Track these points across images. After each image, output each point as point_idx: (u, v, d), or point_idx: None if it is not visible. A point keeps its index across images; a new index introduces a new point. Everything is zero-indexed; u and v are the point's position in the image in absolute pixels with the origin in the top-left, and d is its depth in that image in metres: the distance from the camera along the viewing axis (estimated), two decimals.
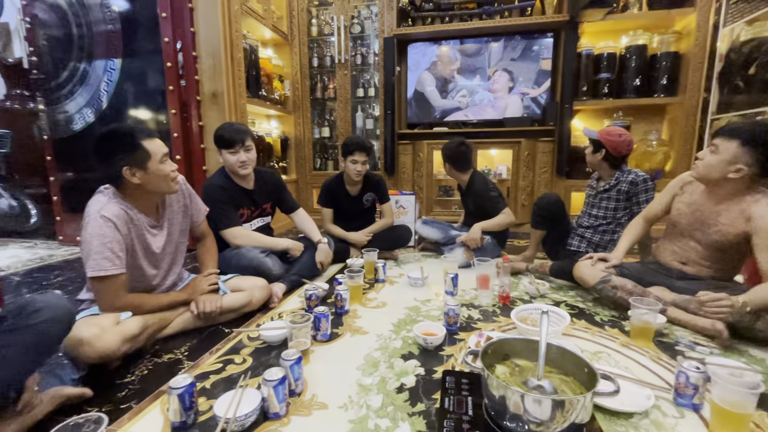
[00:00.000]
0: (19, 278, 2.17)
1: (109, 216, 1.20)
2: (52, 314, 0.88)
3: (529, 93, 3.25)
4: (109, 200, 1.24)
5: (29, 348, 0.84)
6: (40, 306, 0.87)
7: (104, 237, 1.18)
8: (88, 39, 2.68)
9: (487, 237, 2.27)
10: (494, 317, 1.55)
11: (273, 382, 0.90)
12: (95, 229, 1.18)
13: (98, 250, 1.17)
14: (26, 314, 0.85)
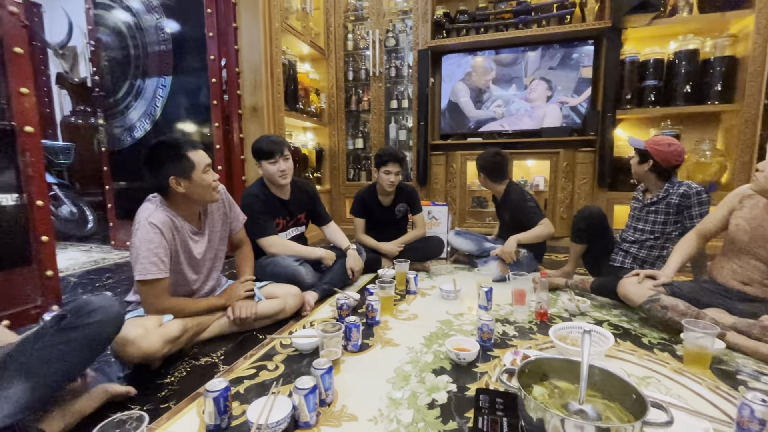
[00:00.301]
0: (76, 279, 2.33)
1: (156, 223, 1.27)
2: (105, 315, 0.94)
3: (569, 102, 3.15)
4: (156, 208, 1.32)
5: (84, 345, 0.90)
6: (95, 307, 0.93)
7: (151, 242, 1.25)
8: (143, 59, 2.89)
9: (523, 250, 2.20)
10: (531, 334, 1.48)
11: (304, 390, 0.90)
12: (143, 234, 1.25)
13: (145, 255, 1.23)
14: (83, 314, 0.92)
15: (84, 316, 0.91)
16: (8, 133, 1.50)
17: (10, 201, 1.53)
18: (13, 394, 0.80)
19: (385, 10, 3.58)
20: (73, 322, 0.90)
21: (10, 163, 1.52)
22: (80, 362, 0.92)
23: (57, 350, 0.87)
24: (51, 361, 0.86)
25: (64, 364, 0.88)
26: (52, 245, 1.64)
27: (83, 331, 0.90)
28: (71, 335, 0.89)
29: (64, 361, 0.87)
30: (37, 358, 0.85)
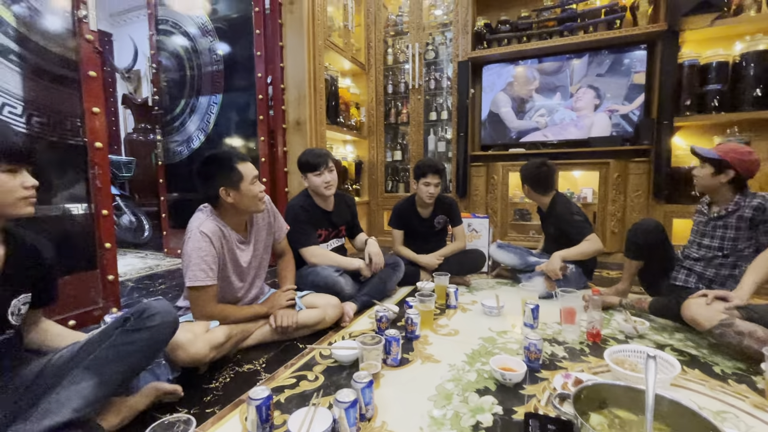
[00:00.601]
0: (132, 284, 2.49)
1: (206, 232, 1.33)
2: (164, 320, 1.00)
3: (619, 110, 2.99)
4: (207, 218, 1.38)
5: (145, 346, 0.96)
6: (155, 311, 0.99)
7: (201, 251, 1.30)
8: (198, 79, 3.10)
9: (570, 266, 2.08)
10: (582, 356, 1.38)
11: (345, 404, 0.89)
12: (195, 243, 1.31)
13: (196, 263, 1.29)
14: (145, 317, 0.98)
15: (146, 319, 0.97)
16: (81, 148, 1.65)
17: (79, 210, 1.67)
18: (82, 389, 0.85)
19: (425, 23, 3.61)
20: (136, 324, 0.96)
21: (82, 175, 1.67)
22: (141, 362, 0.97)
23: (122, 350, 0.93)
24: (116, 360, 0.91)
25: (128, 363, 0.93)
26: (114, 252, 1.76)
27: (145, 333, 0.96)
28: (134, 336, 0.95)
29: (127, 360, 0.93)
30: (103, 356, 0.91)
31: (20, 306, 0.92)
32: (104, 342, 0.94)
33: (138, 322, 0.96)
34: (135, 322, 0.96)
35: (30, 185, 0.86)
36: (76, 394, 0.85)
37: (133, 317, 0.97)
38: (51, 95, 1.55)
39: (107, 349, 0.92)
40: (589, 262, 2.15)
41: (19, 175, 0.84)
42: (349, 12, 3.34)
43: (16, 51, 1.44)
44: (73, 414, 0.82)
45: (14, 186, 0.83)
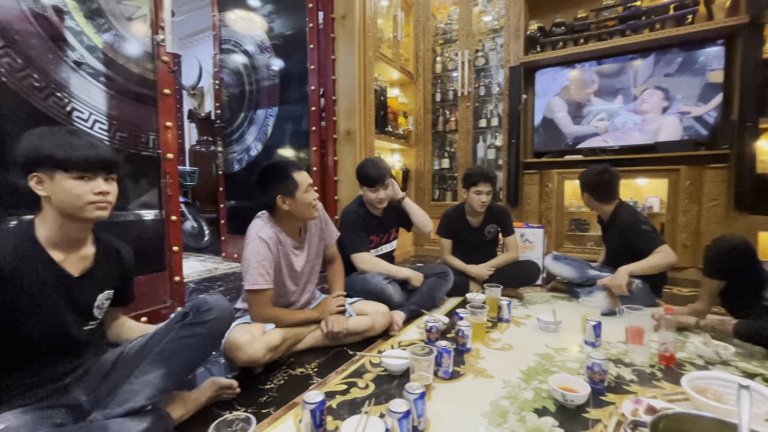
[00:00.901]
0: (194, 285, 2.67)
1: (264, 237, 1.39)
2: (219, 313, 1.05)
3: (692, 112, 2.74)
4: (265, 224, 1.44)
5: (204, 338, 1.02)
6: (211, 306, 1.05)
7: (259, 255, 1.36)
8: (255, 93, 3.29)
9: (636, 281, 1.92)
10: (654, 381, 1.26)
11: (398, 414, 0.88)
12: (253, 248, 1.37)
13: (254, 267, 1.35)
14: (202, 311, 1.04)
15: (202, 313, 1.03)
16: (155, 159, 1.81)
17: (152, 216, 1.82)
18: (152, 379, 0.93)
19: (474, 30, 3.57)
20: (194, 318, 1.03)
21: (155, 184, 1.82)
22: (202, 352, 1.04)
23: (183, 343, 0.99)
24: (179, 352, 0.98)
25: (190, 355, 1.00)
26: (180, 255, 1.90)
27: (203, 327, 1.02)
28: (194, 330, 1.01)
29: (189, 352, 0.99)
30: (168, 349, 0.98)
31: (104, 301, 1.02)
32: (167, 336, 1.01)
33: (196, 317, 1.03)
34: (193, 317, 1.03)
35: (99, 191, 0.91)
36: (147, 385, 0.92)
37: (191, 312, 1.04)
38: (131, 111, 1.71)
39: (170, 343, 0.99)
40: (658, 278, 1.97)
41: (90, 182, 0.90)
42: (399, 23, 3.39)
43: (105, 73, 1.61)
44: (146, 401, 0.90)
45: (84, 191, 0.89)
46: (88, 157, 0.89)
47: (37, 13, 1.39)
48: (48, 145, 0.87)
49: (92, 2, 1.56)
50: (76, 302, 0.94)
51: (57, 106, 1.46)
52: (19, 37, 1.35)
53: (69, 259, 0.94)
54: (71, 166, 0.87)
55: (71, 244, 0.94)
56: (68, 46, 1.49)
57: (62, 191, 0.87)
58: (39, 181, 0.88)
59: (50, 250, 0.90)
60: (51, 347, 0.91)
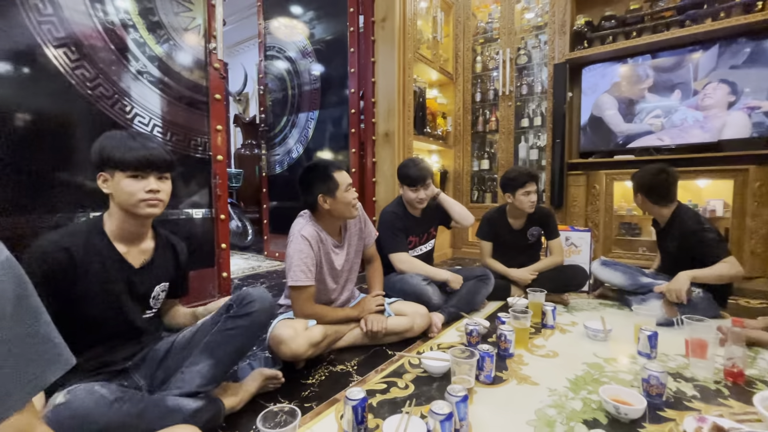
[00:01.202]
0: (239, 282, 2.78)
1: (306, 235, 1.43)
2: (262, 305, 1.09)
3: (762, 107, 2.50)
4: (307, 222, 1.48)
5: (248, 329, 1.06)
6: (253, 298, 1.09)
7: (302, 253, 1.40)
8: (297, 97, 3.39)
9: (697, 290, 1.77)
10: (720, 398, 1.16)
11: (440, 416, 0.86)
12: (296, 245, 1.41)
13: (297, 264, 1.39)
14: (245, 304, 1.08)
15: (245, 306, 1.07)
16: (206, 161, 1.91)
17: (203, 215, 1.92)
18: (201, 369, 0.98)
19: (517, 28, 3.47)
20: (238, 311, 1.07)
21: (205, 185, 1.92)
22: (246, 343, 1.07)
23: (228, 334, 1.04)
24: (225, 343, 1.03)
25: (235, 345, 1.04)
26: (228, 252, 1.99)
27: (246, 318, 1.06)
28: (237, 322, 1.05)
29: (234, 343, 1.04)
30: (214, 340, 1.03)
31: (160, 292, 1.09)
32: (214, 327, 1.06)
33: (239, 309, 1.07)
34: (237, 309, 1.07)
35: (150, 189, 0.96)
36: (197, 374, 0.98)
37: (234, 304, 1.08)
38: (186, 116, 1.83)
39: (216, 334, 1.04)
40: (723, 287, 1.82)
41: (143, 180, 0.96)
42: (438, 23, 3.37)
43: (163, 80, 1.73)
44: (198, 388, 0.96)
45: (136, 189, 0.95)
46: (141, 158, 0.96)
47: (107, 28, 1.52)
48: (110, 147, 0.95)
49: (153, 16, 1.68)
50: (135, 292, 1.02)
51: (122, 112, 1.58)
52: (92, 50, 1.48)
53: (131, 252, 1.02)
54: (126, 165, 0.95)
55: (133, 238, 1.02)
56: (132, 57, 1.61)
57: (120, 189, 0.95)
58: (104, 180, 0.97)
59: (116, 243, 0.99)
60: (113, 333, 0.99)
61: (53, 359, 0.48)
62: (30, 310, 0.46)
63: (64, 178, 1.41)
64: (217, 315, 1.11)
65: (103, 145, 0.96)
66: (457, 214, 2.06)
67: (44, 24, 1.34)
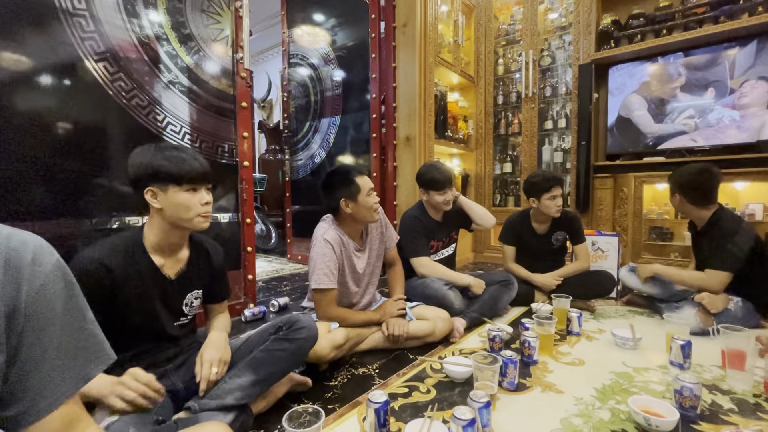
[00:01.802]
0: (263, 284, 2.85)
1: (329, 239, 1.45)
2: (309, 334, 1.11)
3: None
4: (329, 227, 1.51)
5: (293, 354, 1.07)
6: (303, 325, 1.11)
7: (325, 256, 1.43)
8: (320, 103, 3.46)
9: (737, 298, 1.69)
10: (759, 412, 1.10)
11: (463, 421, 0.86)
12: (319, 249, 1.44)
13: (320, 267, 1.41)
14: (295, 329, 1.10)
15: (295, 331, 1.09)
16: (233, 167, 1.98)
17: (230, 219, 1.98)
18: (243, 382, 0.99)
19: (540, 29, 3.42)
20: (288, 335, 1.08)
21: (233, 190, 1.99)
22: (288, 366, 1.09)
23: (274, 355, 1.05)
24: (269, 363, 1.04)
25: (278, 366, 1.05)
26: (253, 255, 2.04)
27: (294, 344, 1.08)
28: (285, 345, 1.07)
29: (278, 364, 1.05)
30: (260, 357, 1.04)
31: (192, 300, 1.11)
32: (261, 344, 1.08)
33: (289, 333, 1.08)
34: (287, 333, 1.09)
35: (206, 202, 1.00)
36: (238, 387, 0.98)
37: (285, 327, 1.10)
38: (214, 123, 1.89)
39: (263, 352, 1.05)
40: (763, 295, 1.72)
41: (198, 193, 0.99)
42: (460, 27, 3.36)
43: (193, 89, 1.80)
44: (234, 401, 0.96)
45: (194, 203, 0.97)
46: (196, 171, 0.98)
47: (142, 42, 1.60)
48: (161, 161, 0.95)
49: (185, 28, 1.76)
50: (169, 301, 1.04)
51: (156, 121, 1.66)
52: (128, 63, 1.56)
53: (167, 263, 1.04)
54: (183, 179, 0.96)
55: (172, 249, 1.04)
56: (165, 68, 1.69)
57: (174, 204, 0.96)
58: (154, 195, 0.96)
59: (154, 256, 1.01)
60: (150, 338, 1.02)
61: (97, 354, 0.52)
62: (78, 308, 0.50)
63: (101, 185, 1.49)
64: (266, 333, 1.12)
65: (151, 161, 0.95)
66: (478, 215, 2.04)
67: (87, 40, 1.43)
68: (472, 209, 2.05)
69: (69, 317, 0.48)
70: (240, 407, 0.98)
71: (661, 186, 2.86)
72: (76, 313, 0.50)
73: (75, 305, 0.50)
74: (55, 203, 1.37)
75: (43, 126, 1.33)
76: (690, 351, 1.37)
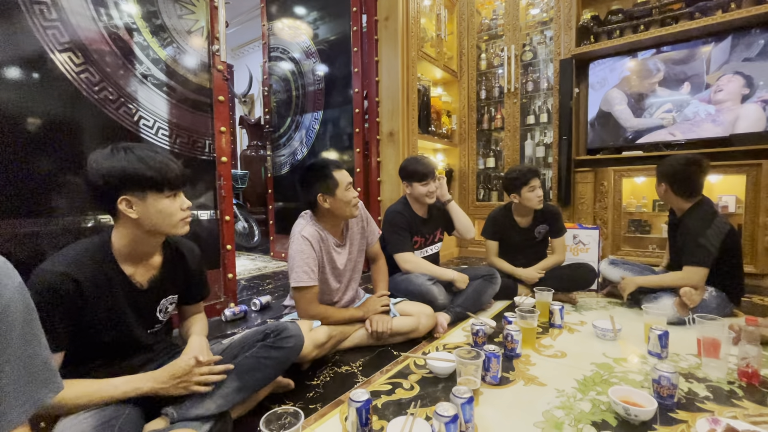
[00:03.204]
0: (245, 283, 2.79)
1: (306, 236, 1.42)
2: (296, 342, 1.08)
3: None
4: (307, 223, 1.48)
5: (279, 362, 1.04)
6: (291, 334, 1.08)
7: (303, 253, 1.40)
8: (302, 98, 3.40)
9: (710, 288, 1.74)
10: (733, 399, 1.13)
11: (445, 418, 0.85)
12: (297, 246, 1.41)
13: (299, 265, 1.38)
14: (283, 337, 1.07)
15: (283, 339, 1.06)
16: (210, 163, 1.92)
17: (208, 216, 1.93)
18: (226, 390, 0.96)
19: (521, 24, 3.43)
20: (275, 342, 1.05)
21: (210, 186, 1.93)
22: (273, 374, 1.05)
23: (261, 362, 1.02)
24: (255, 370, 1.01)
25: (263, 374, 1.02)
26: (233, 253, 1.99)
27: (282, 351, 1.05)
28: (272, 353, 1.04)
29: (263, 372, 1.02)
30: (245, 364, 1.01)
31: (167, 305, 1.06)
32: (246, 351, 1.04)
33: (277, 341, 1.05)
34: (274, 340, 1.05)
35: (186, 206, 0.95)
36: (220, 395, 0.94)
37: (272, 334, 1.07)
38: (190, 118, 1.83)
39: (249, 359, 1.02)
40: (735, 285, 1.78)
41: (178, 198, 0.94)
42: (442, 21, 3.35)
43: (167, 83, 1.74)
44: (216, 410, 0.92)
45: (176, 209, 0.93)
46: (176, 175, 0.92)
47: (111, 32, 1.53)
48: (137, 166, 0.86)
49: (157, 19, 1.69)
50: (141, 311, 0.98)
51: (127, 116, 1.59)
52: (96, 54, 1.49)
53: (138, 271, 0.97)
54: (164, 186, 0.90)
55: (143, 257, 0.98)
56: (136, 60, 1.62)
57: (156, 211, 0.90)
58: (129, 204, 0.88)
59: (124, 265, 0.94)
60: (120, 347, 0.96)
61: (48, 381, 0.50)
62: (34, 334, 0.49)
63: (70, 182, 1.42)
64: (250, 339, 1.08)
65: (124, 165, 0.86)
66: (461, 224, 2.06)
67: (49, 29, 1.35)
68: (458, 217, 2.05)
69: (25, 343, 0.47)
70: (220, 416, 0.94)
71: (639, 179, 2.91)
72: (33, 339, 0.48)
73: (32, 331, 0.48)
74: (18, 202, 1.30)
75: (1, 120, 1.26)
76: (667, 341, 1.40)
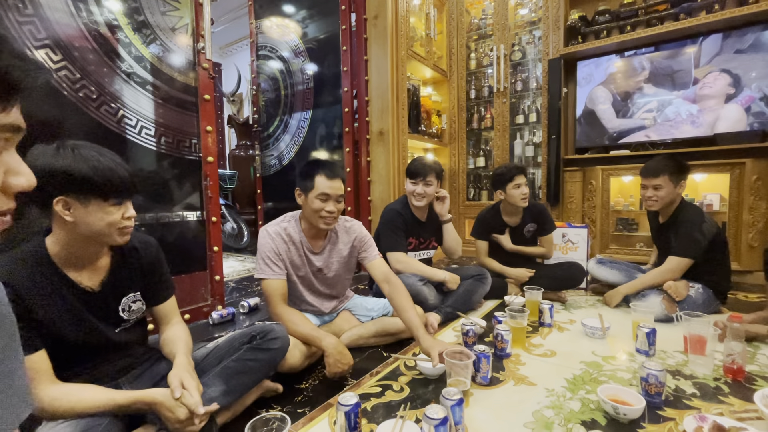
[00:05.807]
0: (234, 284, 2.75)
1: (270, 231, 1.40)
2: (282, 344, 1.08)
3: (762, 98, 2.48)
4: (281, 221, 1.45)
5: (266, 364, 1.04)
6: (277, 335, 1.07)
7: (264, 247, 1.38)
8: (291, 97, 3.36)
9: (697, 285, 1.76)
10: (719, 396, 1.14)
11: (435, 420, 0.84)
12: (260, 239, 1.40)
13: (260, 257, 1.37)
14: (269, 339, 1.06)
15: (269, 341, 1.05)
16: (196, 162, 1.88)
17: (194, 217, 1.89)
18: (212, 394, 0.93)
19: (510, 24, 3.45)
20: (262, 344, 1.04)
21: (196, 186, 1.89)
22: (260, 376, 1.04)
23: (247, 365, 1.01)
24: (241, 373, 0.99)
25: (250, 377, 1.01)
26: (220, 255, 1.96)
27: (268, 353, 1.04)
28: (258, 355, 1.03)
29: (250, 374, 1.01)
30: (231, 367, 0.99)
31: (130, 304, 0.98)
32: (232, 354, 1.02)
33: (263, 343, 1.04)
34: (260, 342, 1.04)
35: (130, 216, 0.88)
36: (207, 399, 0.91)
37: (258, 337, 1.05)
38: (175, 117, 1.79)
39: (235, 362, 1.00)
40: (723, 283, 1.80)
41: (122, 207, 0.87)
42: (432, 20, 3.34)
43: (151, 81, 1.70)
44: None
45: (117, 218, 0.86)
46: (125, 183, 0.85)
47: (90, 28, 1.49)
48: (84, 169, 0.80)
49: (139, 15, 1.65)
50: (100, 312, 0.92)
51: (109, 114, 1.55)
52: (75, 51, 1.44)
53: (85, 275, 0.91)
54: (110, 194, 0.83)
55: (86, 262, 0.91)
56: (119, 58, 1.58)
57: (95, 218, 0.83)
58: (66, 206, 0.80)
59: (66, 270, 0.88)
60: (92, 350, 0.92)
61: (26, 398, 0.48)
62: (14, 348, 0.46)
63: None
64: (235, 342, 1.05)
65: (69, 166, 0.79)
66: (450, 243, 2.06)
67: (25, 24, 1.31)
68: (450, 236, 2.06)
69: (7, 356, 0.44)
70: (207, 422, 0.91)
71: (627, 178, 2.95)
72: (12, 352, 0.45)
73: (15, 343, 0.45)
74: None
75: None
76: (655, 338, 1.41)
